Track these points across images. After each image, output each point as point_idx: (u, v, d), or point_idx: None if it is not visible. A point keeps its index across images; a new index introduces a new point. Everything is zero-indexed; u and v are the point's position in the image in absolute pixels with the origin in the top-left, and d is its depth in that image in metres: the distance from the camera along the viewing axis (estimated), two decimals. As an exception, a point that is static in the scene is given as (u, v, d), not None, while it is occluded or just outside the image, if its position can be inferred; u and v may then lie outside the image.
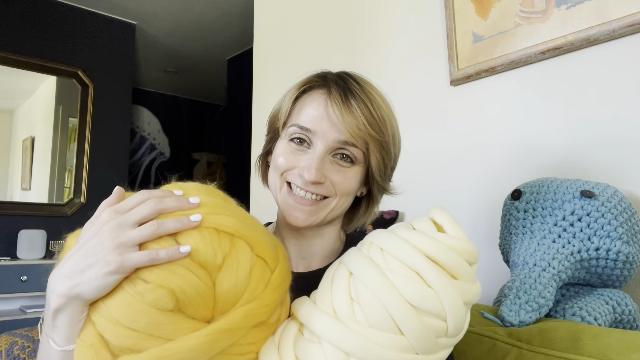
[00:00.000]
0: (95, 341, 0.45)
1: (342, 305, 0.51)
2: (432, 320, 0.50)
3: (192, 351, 0.45)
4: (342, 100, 0.65)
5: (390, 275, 0.51)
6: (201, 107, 5.32)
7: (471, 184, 1.23)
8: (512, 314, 0.75)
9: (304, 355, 0.50)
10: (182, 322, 0.45)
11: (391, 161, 0.70)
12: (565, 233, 0.81)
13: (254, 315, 0.49)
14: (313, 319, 0.52)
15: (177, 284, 0.45)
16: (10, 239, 2.94)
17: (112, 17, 3.51)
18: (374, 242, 0.55)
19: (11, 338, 0.95)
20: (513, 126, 1.15)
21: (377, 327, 0.49)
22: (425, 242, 0.52)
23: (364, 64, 1.56)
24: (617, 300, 0.82)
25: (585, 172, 1.01)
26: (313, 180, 0.63)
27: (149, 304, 0.44)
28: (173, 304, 0.45)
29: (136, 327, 0.44)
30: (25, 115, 3.27)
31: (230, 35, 3.79)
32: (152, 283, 0.45)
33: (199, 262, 0.47)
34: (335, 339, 0.49)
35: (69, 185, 3.29)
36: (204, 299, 0.46)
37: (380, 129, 0.66)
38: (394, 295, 0.49)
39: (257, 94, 2.07)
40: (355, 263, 0.54)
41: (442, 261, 0.51)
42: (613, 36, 0.97)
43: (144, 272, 0.45)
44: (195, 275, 0.46)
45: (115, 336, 0.45)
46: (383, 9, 1.52)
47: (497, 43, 1.16)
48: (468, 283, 0.53)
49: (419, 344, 0.50)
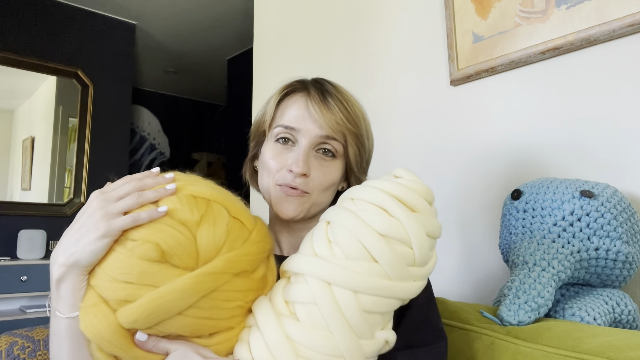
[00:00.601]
0: (96, 301, 0.51)
1: (322, 247, 0.59)
2: (400, 247, 0.57)
3: (180, 291, 0.50)
4: (320, 100, 0.73)
5: (361, 213, 0.58)
6: (201, 107, 5.32)
7: (471, 184, 1.23)
8: (511, 313, 0.75)
9: (291, 295, 0.57)
10: (169, 270, 0.52)
11: (366, 154, 0.78)
12: (564, 233, 0.81)
13: (234, 262, 0.55)
14: (296, 261, 0.59)
15: (161, 238, 0.52)
16: (10, 239, 2.94)
17: (112, 17, 3.51)
18: (344, 196, 0.64)
19: (11, 338, 0.95)
20: (513, 126, 1.15)
21: (353, 257, 0.56)
22: (387, 184, 0.61)
23: (364, 64, 1.56)
24: (617, 300, 0.82)
25: (585, 172, 1.01)
26: (301, 172, 0.70)
27: (138, 257, 0.51)
28: (159, 255, 0.51)
29: (130, 279, 0.51)
30: (25, 115, 3.27)
31: (230, 35, 3.79)
32: (139, 239, 0.52)
33: (178, 219, 0.54)
34: (317, 271, 0.56)
35: (69, 185, 3.29)
36: (187, 249, 0.53)
37: (356, 123, 0.74)
38: (365, 228, 0.57)
39: (257, 94, 2.07)
40: (331, 213, 0.62)
41: (402, 197, 0.59)
42: (613, 36, 0.97)
43: (132, 233, 0.53)
44: (176, 230, 0.53)
45: (112, 291, 0.51)
46: (383, 8, 1.52)
47: (497, 43, 1.17)
48: (428, 216, 0.60)
49: (391, 269, 0.56)
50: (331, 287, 0.55)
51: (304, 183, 0.71)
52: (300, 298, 0.56)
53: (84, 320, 0.51)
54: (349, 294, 0.55)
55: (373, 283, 0.55)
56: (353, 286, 0.55)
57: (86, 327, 0.51)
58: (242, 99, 3.86)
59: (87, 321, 0.51)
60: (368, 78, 1.54)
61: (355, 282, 0.55)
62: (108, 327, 0.50)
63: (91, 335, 0.51)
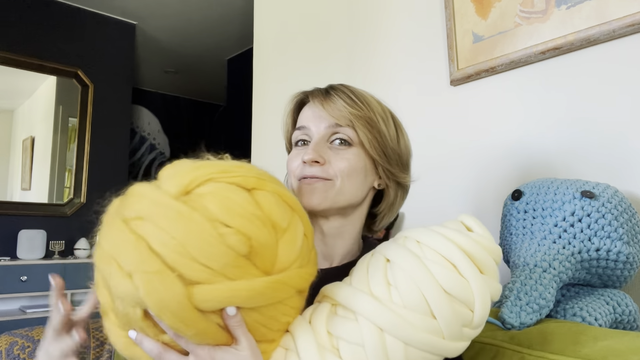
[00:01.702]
0: (160, 268, 0.48)
1: (380, 288, 0.55)
2: (462, 308, 0.55)
3: (257, 291, 0.50)
4: (323, 95, 0.74)
5: (427, 263, 0.55)
6: (201, 107, 5.32)
7: (471, 184, 1.23)
8: (513, 315, 0.75)
9: (338, 330, 0.55)
10: (249, 268, 0.50)
11: (388, 139, 0.74)
12: (565, 234, 0.81)
13: (304, 278, 0.55)
14: (351, 297, 0.56)
15: (254, 233, 0.50)
16: (10, 239, 2.94)
17: (112, 17, 3.51)
18: (409, 237, 0.60)
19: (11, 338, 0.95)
20: (513, 126, 1.15)
21: (412, 308, 0.54)
22: (460, 237, 0.57)
23: (364, 64, 1.56)
24: (618, 301, 0.82)
25: (585, 173, 1.01)
26: (311, 158, 0.69)
27: (228, 246, 0.49)
28: (247, 251, 0.50)
29: (213, 265, 0.48)
30: (25, 115, 3.27)
31: (230, 35, 3.79)
32: (234, 227, 0.49)
33: (270, 220, 0.52)
34: (373, 315, 0.53)
35: (69, 185, 3.29)
36: (271, 252, 0.52)
37: (360, 107, 0.72)
38: (430, 280, 0.54)
39: (257, 94, 2.07)
40: (393, 251, 0.58)
41: (474, 255, 0.56)
42: (613, 36, 0.97)
43: (226, 217, 0.49)
44: (268, 230, 0.52)
45: (188, 269, 0.48)
46: (383, 8, 1.52)
47: (497, 43, 1.16)
48: (494, 280, 0.58)
49: (447, 328, 0.54)
50: (384, 334, 0.53)
51: (322, 170, 0.70)
52: (347, 336, 0.54)
53: (148, 286, 0.47)
54: (400, 345, 0.53)
55: (426, 339, 0.53)
56: (406, 338, 0.53)
57: (149, 293, 0.47)
58: (242, 99, 3.85)
59: (151, 288, 0.47)
60: (368, 78, 1.54)
61: (409, 335, 0.52)
62: (175, 298, 0.47)
63: (154, 302, 0.48)
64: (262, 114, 2.01)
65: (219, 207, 0.50)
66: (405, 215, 1.39)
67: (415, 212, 1.34)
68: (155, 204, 0.51)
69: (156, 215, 0.50)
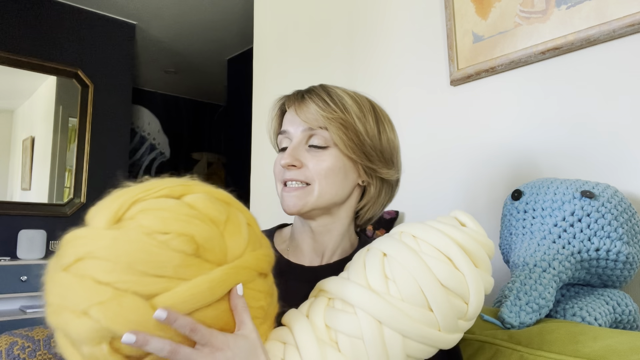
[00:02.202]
0: (112, 295, 0.48)
1: (377, 281, 0.57)
2: (458, 301, 0.56)
3: (217, 281, 0.50)
4: (298, 100, 0.76)
5: (424, 256, 0.56)
6: (201, 107, 5.31)
7: (471, 184, 1.23)
8: (513, 315, 0.75)
9: (336, 323, 0.55)
10: (202, 264, 0.51)
11: (366, 139, 0.75)
12: (565, 234, 0.81)
13: (260, 261, 0.56)
14: (349, 290, 0.57)
15: (196, 231, 0.51)
16: (10, 239, 2.94)
17: (112, 17, 3.51)
18: (406, 231, 0.61)
19: (11, 338, 0.95)
20: (513, 126, 1.15)
21: (410, 301, 0.55)
22: (455, 232, 0.58)
23: (364, 64, 1.56)
24: (617, 301, 0.82)
25: (585, 173, 1.01)
26: (287, 162, 0.72)
27: (173, 249, 0.49)
28: (194, 249, 0.50)
29: (165, 272, 0.48)
30: (25, 115, 3.27)
31: (230, 35, 3.79)
32: (173, 232, 0.50)
33: (207, 216, 0.53)
34: (371, 307, 0.54)
35: (69, 185, 3.29)
36: (219, 244, 0.52)
37: (332, 110, 0.73)
38: (427, 274, 0.55)
39: (257, 94, 2.07)
40: (389, 246, 0.59)
41: (469, 250, 0.57)
42: (613, 36, 0.97)
43: (159, 226, 0.50)
44: (208, 225, 0.52)
45: (143, 285, 0.48)
46: (383, 8, 1.52)
47: (497, 43, 1.16)
48: (487, 273, 0.59)
49: (443, 320, 0.55)
50: (382, 327, 0.54)
51: (300, 174, 0.73)
52: (346, 329, 0.54)
53: (107, 313, 0.47)
54: (398, 337, 0.54)
55: (423, 331, 0.54)
56: (404, 330, 0.54)
57: (113, 320, 0.46)
58: (242, 99, 3.85)
59: (112, 314, 0.47)
60: (368, 78, 1.54)
61: (406, 327, 0.53)
62: (140, 314, 0.47)
63: (121, 325, 0.47)
64: (262, 114, 2.01)
65: (152, 220, 0.50)
66: (405, 215, 1.39)
67: (415, 211, 1.34)
68: (90, 240, 0.50)
69: (93, 250, 0.49)
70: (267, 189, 1.88)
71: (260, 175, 1.95)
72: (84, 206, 3.26)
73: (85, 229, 0.53)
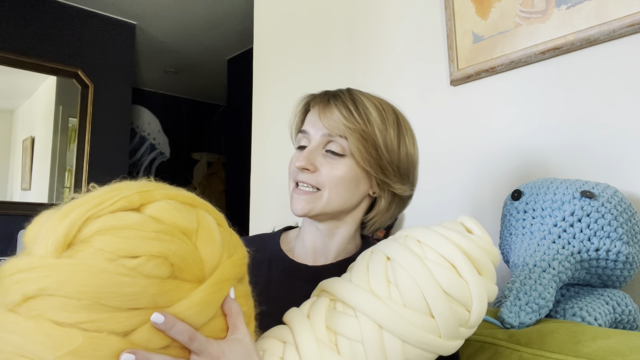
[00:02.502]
0: (82, 342, 0.41)
1: (380, 285, 0.56)
2: (460, 308, 0.55)
3: (202, 304, 0.46)
4: (324, 103, 0.76)
5: (428, 262, 0.56)
6: (201, 107, 5.31)
7: (471, 184, 1.23)
8: (513, 315, 0.75)
9: (337, 326, 0.55)
10: (181, 285, 0.45)
11: (384, 153, 0.74)
12: (565, 234, 0.81)
13: (238, 265, 0.52)
14: (351, 293, 0.56)
15: (168, 250, 0.44)
16: (10, 239, 2.94)
17: (112, 17, 3.50)
18: (410, 235, 0.61)
19: (11, 338, 0.94)
20: (513, 126, 1.15)
21: (412, 307, 0.54)
22: (460, 238, 0.58)
23: (364, 64, 1.56)
24: (617, 301, 0.82)
25: (585, 173, 1.01)
26: (301, 165, 0.73)
27: (146, 275, 0.42)
28: (170, 271, 0.44)
29: (141, 304, 0.42)
30: (25, 115, 3.27)
31: (230, 35, 3.79)
32: (143, 255, 0.43)
33: (178, 228, 0.47)
34: (372, 312, 0.54)
35: (69, 185, 3.29)
36: (194, 260, 0.47)
37: (355, 120, 0.73)
38: (430, 280, 0.54)
39: (257, 94, 2.07)
40: (393, 250, 0.59)
41: (474, 257, 0.57)
42: (613, 36, 0.97)
43: (123, 248, 0.42)
44: (180, 240, 0.46)
45: (116, 323, 0.41)
46: (383, 8, 1.52)
47: (497, 43, 1.16)
48: (491, 281, 0.59)
49: (444, 328, 0.55)
50: (382, 332, 0.54)
51: (312, 178, 0.74)
52: (347, 333, 0.54)
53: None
54: (398, 342, 0.54)
55: (424, 338, 0.54)
56: (404, 336, 0.53)
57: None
58: (242, 99, 3.85)
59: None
60: (368, 78, 1.54)
61: (407, 333, 0.53)
62: (116, 355, 0.41)
63: None
64: (262, 114, 2.01)
65: (114, 242, 0.43)
66: (405, 215, 1.39)
67: (415, 211, 1.34)
68: (39, 273, 0.41)
69: (46, 286, 0.41)
70: (267, 189, 1.88)
71: (260, 175, 1.95)
72: (84, 206, 3.26)
73: (30, 259, 0.44)
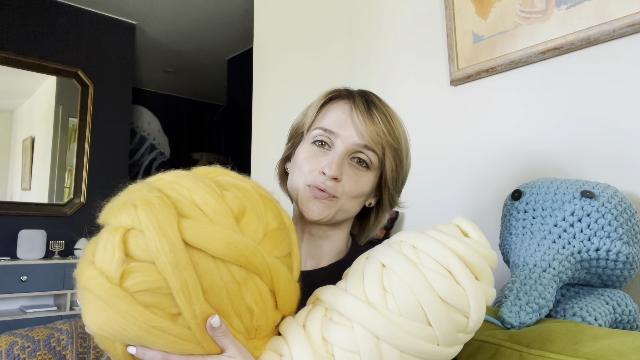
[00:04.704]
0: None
1: (375, 294, 0.55)
2: (457, 315, 0.55)
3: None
4: (365, 110, 0.73)
5: (423, 269, 0.55)
6: (201, 107, 5.32)
7: (471, 184, 1.23)
8: (513, 315, 0.75)
9: (333, 337, 0.54)
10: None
11: (403, 172, 0.77)
12: (565, 234, 0.81)
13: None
14: (345, 303, 0.55)
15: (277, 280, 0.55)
16: (10, 239, 2.94)
17: (112, 17, 3.51)
18: (405, 241, 0.59)
19: (11, 338, 0.95)
20: (513, 126, 1.15)
21: (408, 316, 0.53)
22: (456, 243, 0.56)
23: (364, 64, 1.56)
24: (618, 301, 0.82)
25: (585, 173, 1.01)
26: (334, 175, 0.69)
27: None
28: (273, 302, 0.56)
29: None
30: (25, 115, 3.27)
31: (230, 35, 3.79)
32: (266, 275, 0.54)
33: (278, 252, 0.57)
34: (368, 322, 0.53)
35: (69, 185, 3.29)
36: (294, 292, 0.59)
37: (397, 138, 0.74)
38: (426, 288, 0.53)
39: (257, 94, 2.07)
40: (388, 257, 0.58)
41: (470, 262, 0.56)
42: (613, 36, 0.97)
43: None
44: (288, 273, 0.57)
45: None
46: (382, 8, 1.52)
47: (497, 43, 1.16)
48: (489, 286, 0.58)
49: (442, 335, 0.54)
50: (379, 342, 0.53)
51: (334, 187, 0.71)
52: (342, 344, 0.53)
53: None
54: (396, 353, 0.53)
55: (422, 347, 0.53)
56: (402, 346, 0.52)
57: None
58: (242, 99, 3.85)
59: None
60: (368, 78, 1.54)
61: (404, 343, 0.52)
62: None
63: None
64: (262, 114, 2.01)
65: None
66: (405, 215, 1.39)
67: (415, 211, 1.34)
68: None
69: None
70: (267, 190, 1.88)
71: (261, 175, 1.95)
72: (84, 206, 3.26)
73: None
